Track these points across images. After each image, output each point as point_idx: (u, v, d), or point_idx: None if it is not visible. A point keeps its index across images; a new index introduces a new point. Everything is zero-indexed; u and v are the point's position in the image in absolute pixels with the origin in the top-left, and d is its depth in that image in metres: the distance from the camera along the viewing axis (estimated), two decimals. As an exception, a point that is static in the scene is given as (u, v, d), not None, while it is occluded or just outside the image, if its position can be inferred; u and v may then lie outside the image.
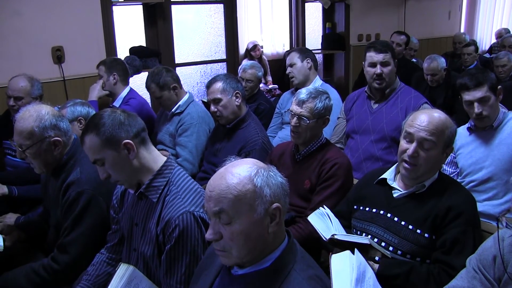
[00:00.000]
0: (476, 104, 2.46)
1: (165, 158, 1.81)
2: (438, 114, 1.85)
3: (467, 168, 2.54)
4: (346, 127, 3.07)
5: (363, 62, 2.97)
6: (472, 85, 2.46)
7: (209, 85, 2.89)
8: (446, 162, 2.64)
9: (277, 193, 1.27)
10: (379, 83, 2.87)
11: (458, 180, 2.55)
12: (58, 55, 3.73)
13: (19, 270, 2.04)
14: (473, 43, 5.53)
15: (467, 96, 2.49)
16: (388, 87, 2.90)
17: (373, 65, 2.87)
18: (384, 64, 2.85)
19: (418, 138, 1.81)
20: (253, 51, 5.51)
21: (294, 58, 3.56)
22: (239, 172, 1.26)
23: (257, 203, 1.24)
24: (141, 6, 4.50)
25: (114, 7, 4.07)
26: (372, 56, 2.88)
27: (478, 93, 2.45)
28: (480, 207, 2.04)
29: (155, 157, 1.80)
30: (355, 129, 2.97)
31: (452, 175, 2.57)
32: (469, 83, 2.48)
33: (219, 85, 2.83)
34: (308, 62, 3.54)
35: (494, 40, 7.56)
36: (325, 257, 2.16)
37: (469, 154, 2.55)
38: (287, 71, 3.62)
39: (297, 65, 3.54)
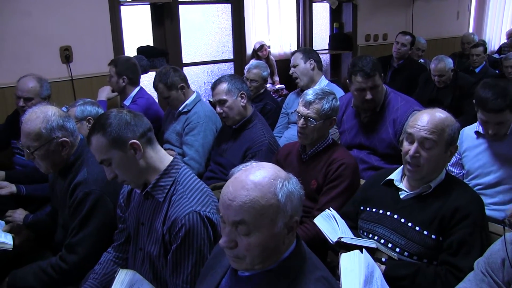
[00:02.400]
0: (492, 126, 2.39)
1: (171, 158, 1.81)
2: (438, 113, 1.84)
3: (474, 171, 2.51)
4: (340, 139, 3.03)
5: (347, 81, 2.83)
6: (493, 109, 2.34)
7: (214, 86, 2.90)
8: (451, 163, 2.61)
9: (297, 207, 1.26)
10: (369, 106, 2.80)
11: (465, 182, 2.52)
12: (66, 55, 3.75)
13: (28, 269, 2.06)
14: (482, 43, 5.49)
15: (484, 116, 2.39)
16: (379, 104, 2.81)
17: (361, 90, 2.73)
18: (373, 88, 2.72)
19: (419, 138, 1.80)
20: (260, 51, 5.51)
21: (297, 59, 3.55)
22: (262, 183, 1.22)
23: (279, 218, 1.22)
24: (149, 6, 4.51)
25: (122, 7, 4.09)
26: (361, 82, 2.70)
27: (497, 118, 2.36)
28: (487, 211, 2.03)
29: (162, 157, 1.80)
30: (349, 144, 2.94)
31: (457, 176, 2.55)
32: (491, 106, 2.34)
33: (224, 86, 2.83)
34: (311, 63, 3.53)
35: (503, 40, 7.52)
36: (331, 257, 2.16)
37: (476, 157, 2.51)
38: (290, 72, 3.61)
39: (300, 66, 3.53)
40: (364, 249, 1.64)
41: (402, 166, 1.94)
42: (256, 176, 1.23)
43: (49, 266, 2.02)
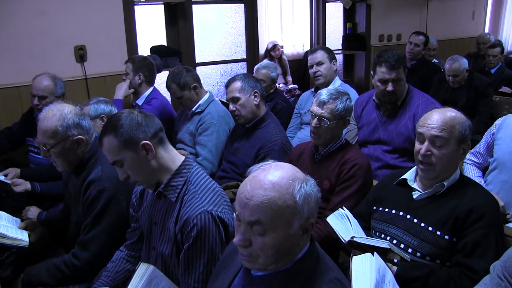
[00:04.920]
0: None
1: (183, 158, 1.82)
2: (448, 112, 1.83)
3: (503, 163, 2.37)
4: (357, 135, 3.03)
5: (371, 72, 2.85)
6: None
7: (228, 84, 2.91)
8: (484, 145, 2.54)
9: (313, 209, 1.26)
10: (390, 99, 2.79)
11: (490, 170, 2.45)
12: (81, 54, 3.78)
13: (41, 265, 2.08)
14: (499, 44, 5.41)
15: None
16: (400, 99, 2.81)
17: (384, 82, 2.74)
18: (396, 81, 2.72)
19: (429, 137, 1.80)
20: (273, 51, 5.51)
21: (323, 57, 3.50)
22: (280, 183, 1.21)
23: (295, 219, 1.21)
24: (163, 5, 4.53)
25: (136, 7, 4.11)
26: (384, 73, 2.71)
27: None
28: None
29: (173, 157, 1.80)
30: (366, 139, 2.93)
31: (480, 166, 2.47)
32: None
33: (238, 84, 2.84)
34: (334, 64, 3.53)
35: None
36: (343, 258, 2.15)
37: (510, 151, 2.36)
38: (313, 70, 3.52)
39: (326, 65, 3.49)
40: (375, 253, 1.63)
41: (416, 166, 1.93)
42: (274, 176, 1.23)
43: (62, 263, 2.04)
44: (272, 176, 1.23)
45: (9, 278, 2.17)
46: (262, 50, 5.49)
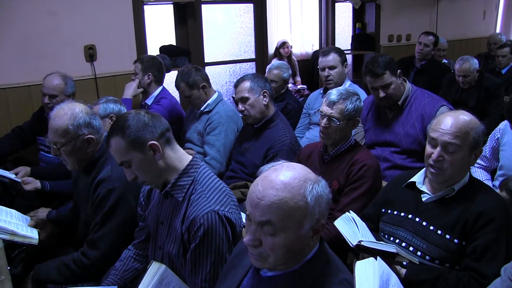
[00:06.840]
0: None
1: (190, 157, 1.82)
2: (462, 116, 1.79)
3: (509, 170, 2.38)
4: (364, 138, 3.02)
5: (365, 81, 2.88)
6: None
7: (237, 84, 2.91)
8: (489, 153, 2.52)
9: (324, 210, 1.25)
10: (387, 103, 2.80)
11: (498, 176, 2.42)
12: (90, 54, 3.81)
13: (51, 263, 2.10)
14: (509, 44, 5.36)
15: None
16: (398, 100, 2.80)
17: (375, 89, 2.78)
18: (385, 87, 2.74)
19: (442, 142, 1.76)
20: (282, 48, 5.51)
21: (335, 60, 3.44)
22: (292, 184, 1.21)
23: (306, 221, 1.21)
24: (172, 5, 4.55)
25: (145, 7, 4.13)
26: (371, 82, 2.76)
27: None
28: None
29: (181, 157, 1.81)
30: (374, 142, 2.92)
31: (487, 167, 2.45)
32: None
33: (247, 84, 2.84)
34: (345, 67, 3.49)
35: (532, 41, 7.32)
36: (351, 259, 2.14)
37: None
38: (325, 73, 3.45)
39: (338, 70, 3.45)
40: (379, 257, 1.62)
41: (425, 168, 1.91)
42: (286, 177, 1.22)
43: (71, 261, 2.05)
44: (283, 177, 1.22)
45: (20, 275, 2.19)
46: (271, 50, 5.49)
